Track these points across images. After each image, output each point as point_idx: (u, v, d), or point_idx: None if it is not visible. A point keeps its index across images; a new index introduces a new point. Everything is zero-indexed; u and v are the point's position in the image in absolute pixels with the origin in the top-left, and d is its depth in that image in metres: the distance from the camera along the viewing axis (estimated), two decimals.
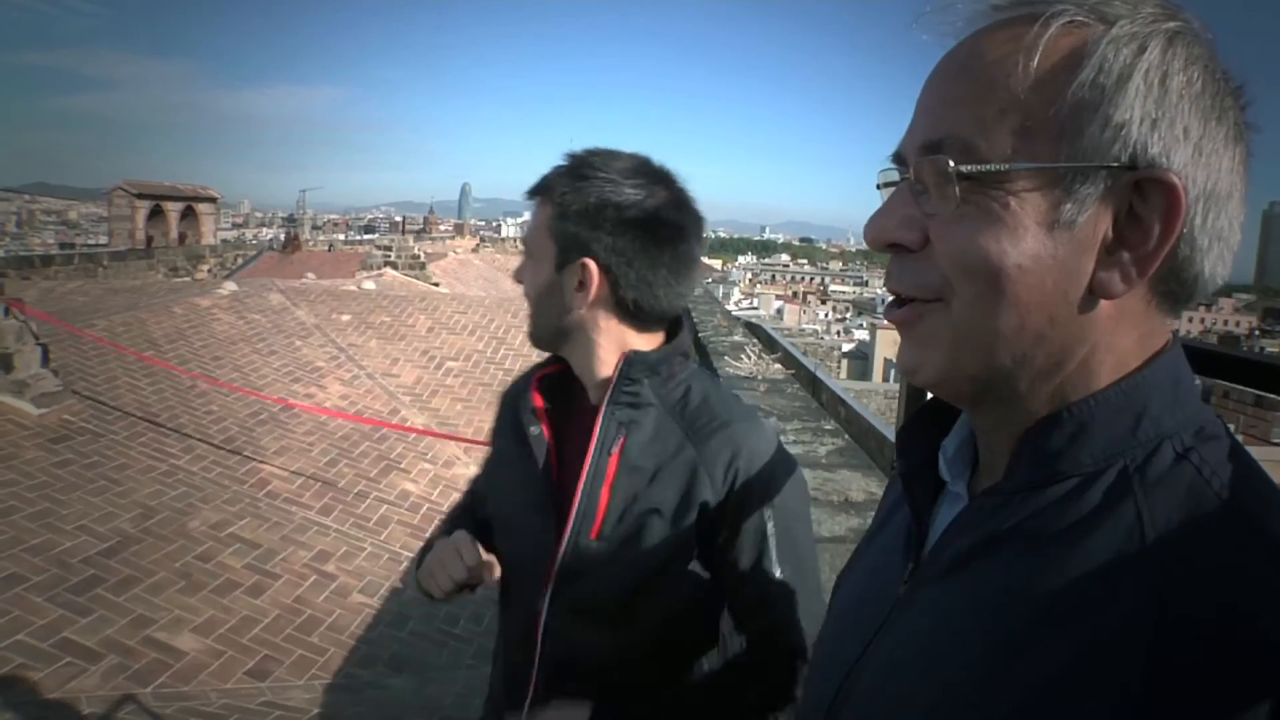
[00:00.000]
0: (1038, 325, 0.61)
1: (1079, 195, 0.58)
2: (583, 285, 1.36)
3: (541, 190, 1.40)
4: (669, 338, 1.44)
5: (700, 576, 1.35)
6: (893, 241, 0.66)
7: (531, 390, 1.47)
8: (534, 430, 1.44)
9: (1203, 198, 0.58)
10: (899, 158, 0.67)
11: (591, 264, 1.35)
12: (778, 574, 1.30)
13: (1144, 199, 0.58)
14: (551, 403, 1.47)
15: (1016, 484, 0.62)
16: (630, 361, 1.37)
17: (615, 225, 1.33)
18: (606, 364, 1.39)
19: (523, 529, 1.46)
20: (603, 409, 1.37)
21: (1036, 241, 0.59)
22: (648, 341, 1.41)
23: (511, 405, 1.53)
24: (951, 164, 0.61)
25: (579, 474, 1.36)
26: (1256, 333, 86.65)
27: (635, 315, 1.38)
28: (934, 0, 0.65)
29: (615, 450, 1.35)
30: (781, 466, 1.36)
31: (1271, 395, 1.32)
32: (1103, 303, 0.60)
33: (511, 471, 1.49)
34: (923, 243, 0.64)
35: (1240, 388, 1.38)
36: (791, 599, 1.31)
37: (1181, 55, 0.58)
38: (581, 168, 1.37)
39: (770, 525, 1.31)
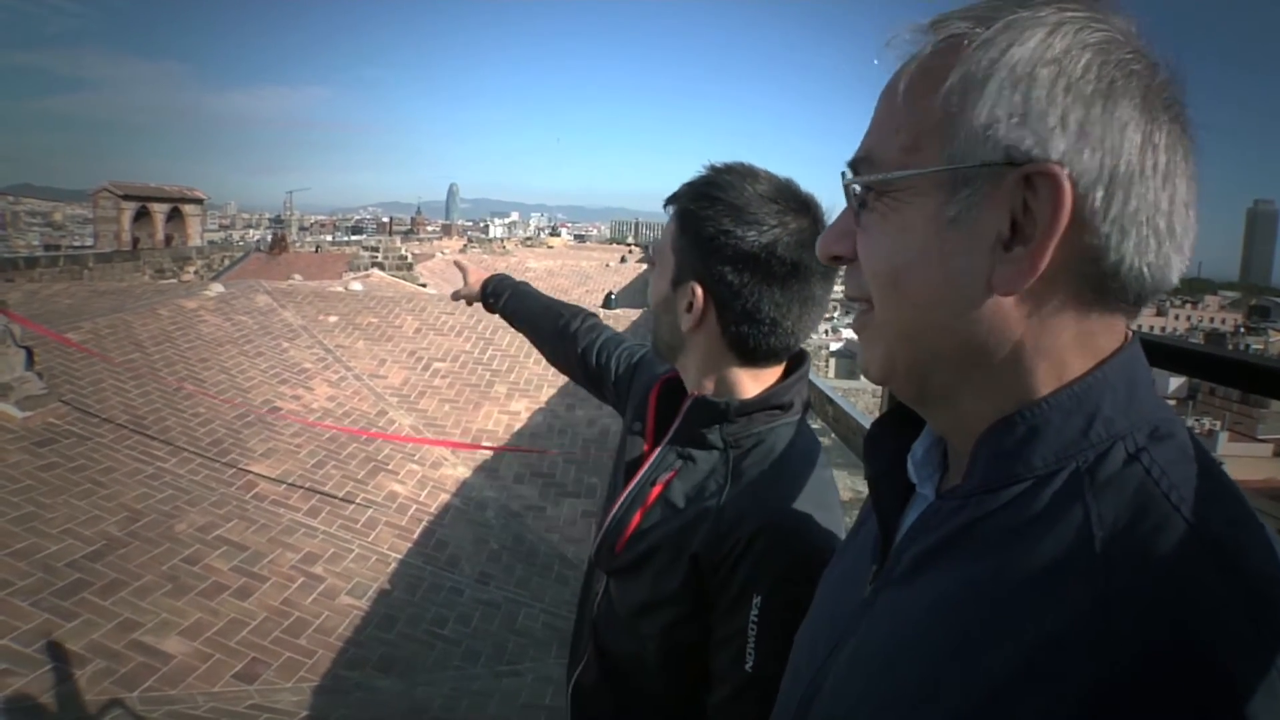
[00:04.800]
0: (940, 320, 0.64)
1: (960, 196, 0.61)
2: (691, 308, 1.33)
3: (672, 202, 1.38)
4: (786, 376, 1.38)
5: (692, 621, 1.28)
6: (832, 255, 0.72)
7: (653, 390, 1.51)
8: (637, 427, 1.50)
9: (1101, 183, 0.57)
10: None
11: (699, 289, 1.32)
12: (749, 659, 1.18)
13: (1035, 193, 0.58)
14: (670, 407, 1.46)
15: (973, 486, 0.63)
16: (695, 406, 1.35)
17: (731, 255, 1.28)
18: (704, 388, 1.37)
19: (603, 514, 1.49)
20: (663, 442, 1.38)
21: (924, 242, 0.63)
22: (753, 378, 1.36)
23: (641, 394, 1.56)
24: (848, 176, 0.69)
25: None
26: (1241, 329, 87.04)
27: (739, 349, 1.34)
28: (884, 36, 0.68)
29: (662, 481, 1.35)
30: (793, 554, 1.20)
31: (1256, 394, 1.33)
32: (1010, 299, 0.61)
33: (618, 458, 1.54)
34: (855, 252, 0.70)
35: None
36: (755, 686, 1.17)
37: (1061, 44, 0.58)
38: (711, 187, 1.32)
39: (755, 613, 1.18)
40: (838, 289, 1.35)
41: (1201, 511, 0.54)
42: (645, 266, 29.32)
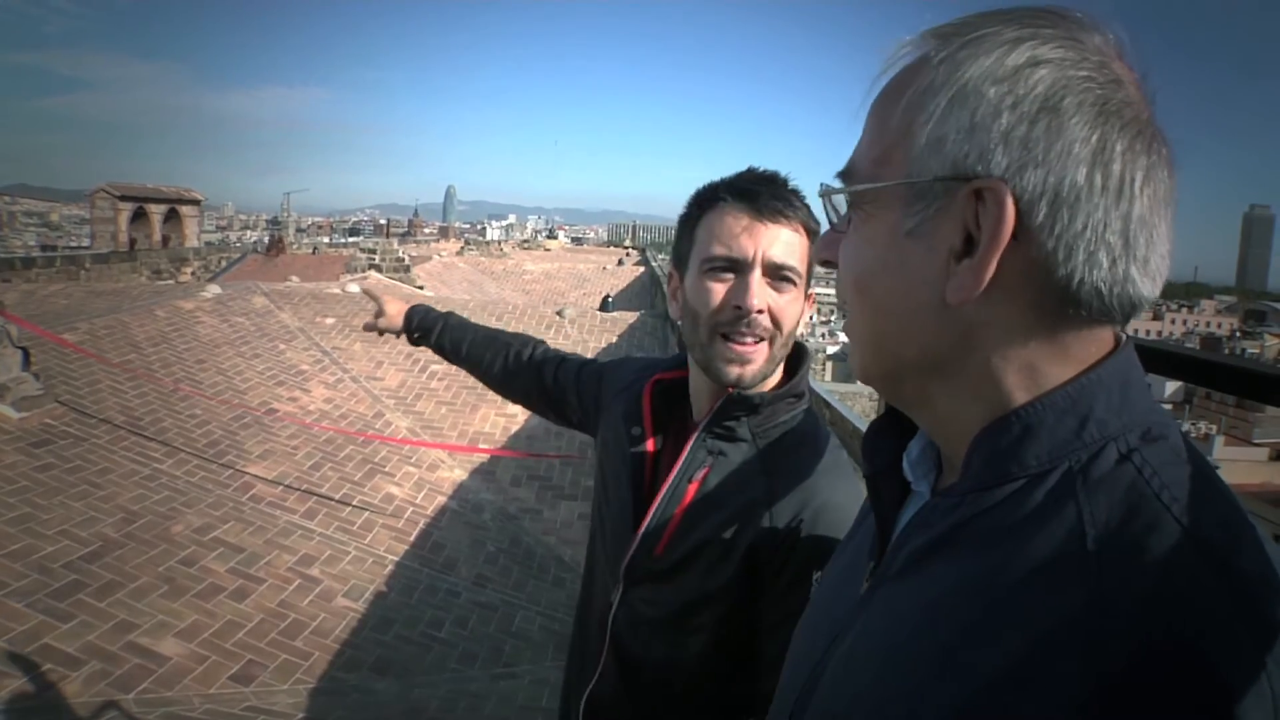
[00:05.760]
0: (899, 327, 0.67)
1: (917, 209, 0.63)
2: (812, 317, 1.41)
3: (793, 215, 1.34)
4: (794, 369, 1.43)
5: (743, 612, 1.31)
6: (822, 259, 0.77)
7: (644, 394, 1.50)
8: (634, 435, 1.48)
9: (1045, 199, 0.59)
10: None
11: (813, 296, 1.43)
12: None
13: (985, 207, 0.60)
14: (664, 406, 1.49)
15: (968, 485, 0.64)
16: (731, 400, 1.36)
17: None
18: (768, 384, 1.41)
19: (609, 525, 1.51)
20: (694, 437, 1.39)
21: (885, 251, 0.66)
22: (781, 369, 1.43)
23: (628, 396, 1.55)
24: (820, 187, 0.73)
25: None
26: (1237, 334, 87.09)
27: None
28: (882, 38, 0.70)
29: (698, 478, 1.37)
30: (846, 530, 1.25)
31: (1251, 400, 1.33)
32: (968, 309, 0.62)
33: (613, 464, 1.53)
34: (834, 258, 0.74)
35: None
36: None
37: (1015, 61, 0.60)
38: (797, 194, 1.36)
39: (816, 588, 1.21)
40: (829, 292, 1.41)
41: (1193, 511, 0.55)
42: (642, 269, 29.29)
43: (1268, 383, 1.24)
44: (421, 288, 18.58)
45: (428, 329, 2.05)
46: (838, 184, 0.72)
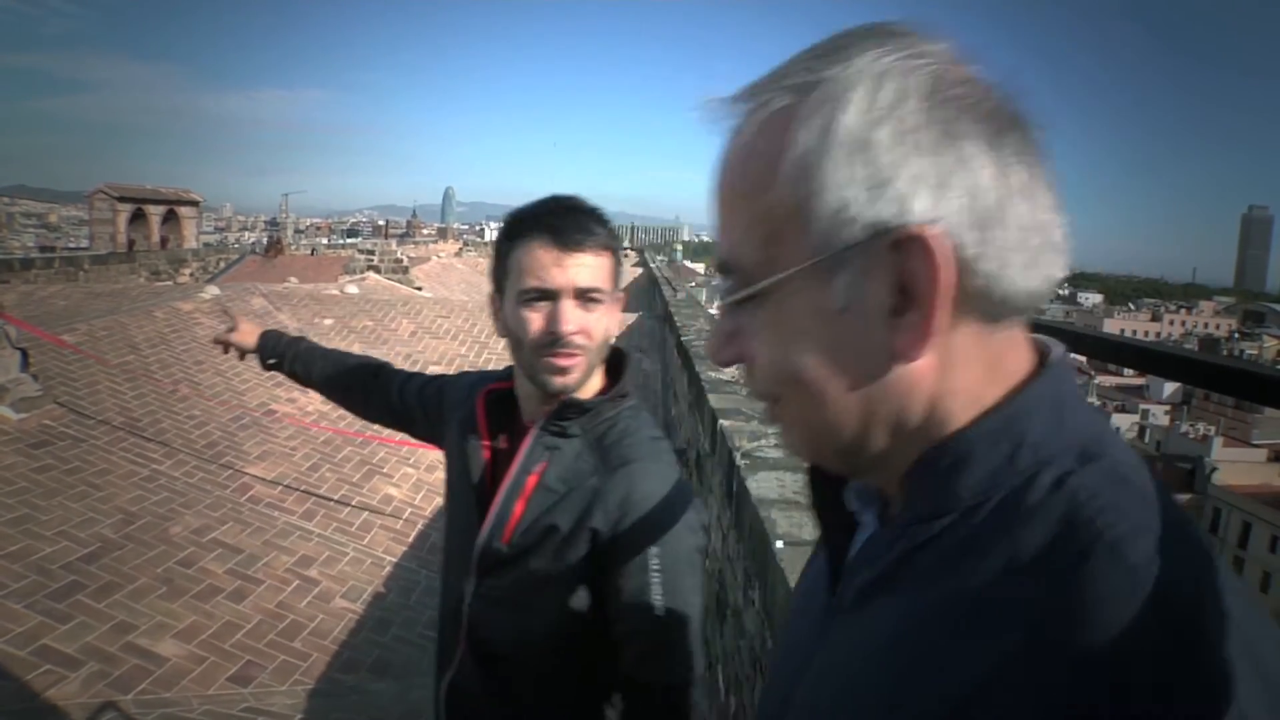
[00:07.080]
0: (858, 403, 0.61)
1: (841, 284, 0.58)
2: None
3: (593, 241, 1.51)
4: (618, 373, 1.61)
5: (587, 591, 1.49)
6: (722, 363, 0.69)
7: (477, 404, 1.65)
8: (473, 441, 1.64)
9: (973, 225, 0.56)
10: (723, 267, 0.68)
11: None
12: (658, 605, 1.42)
13: (910, 256, 0.56)
14: (498, 413, 1.65)
15: (907, 518, 0.62)
16: (565, 404, 1.52)
17: None
18: (591, 387, 1.58)
19: (457, 523, 1.67)
20: (530, 436, 1.55)
21: (819, 336, 0.61)
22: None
23: (465, 408, 1.69)
24: (721, 297, 0.66)
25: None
26: (1236, 335, 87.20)
27: None
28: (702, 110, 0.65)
29: (536, 471, 1.52)
30: (674, 509, 1.48)
31: (1249, 402, 1.33)
32: (914, 358, 0.58)
33: (456, 469, 1.69)
34: (748, 353, 0.66)
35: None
36: (668, 630, 1.44)
37: (887, 98, 0.56)
38: (597, 218, 1.54)
39: (655, 562, 1.43)
40: None
41: (1130, 537, 0.52)
42: (640, 271, 29.28)
43: (1266, 384, 1.24)
44: (420, 288, 18.56)
45: (280, 354, 2.18)
46: (727, 286, 0.66)
